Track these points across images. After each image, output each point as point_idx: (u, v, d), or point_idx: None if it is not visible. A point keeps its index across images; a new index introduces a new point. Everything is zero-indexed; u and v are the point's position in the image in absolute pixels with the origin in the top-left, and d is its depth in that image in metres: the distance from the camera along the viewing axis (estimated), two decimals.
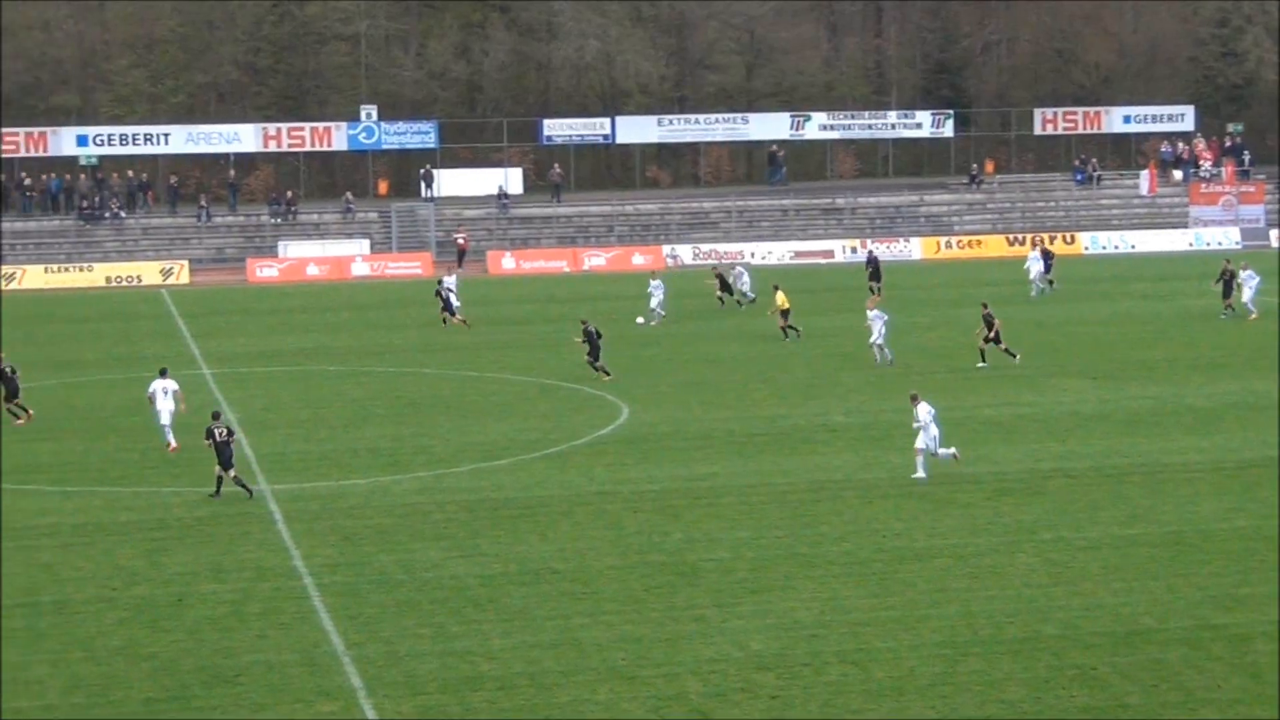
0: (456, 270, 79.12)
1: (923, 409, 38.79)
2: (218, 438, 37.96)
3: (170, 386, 43.94)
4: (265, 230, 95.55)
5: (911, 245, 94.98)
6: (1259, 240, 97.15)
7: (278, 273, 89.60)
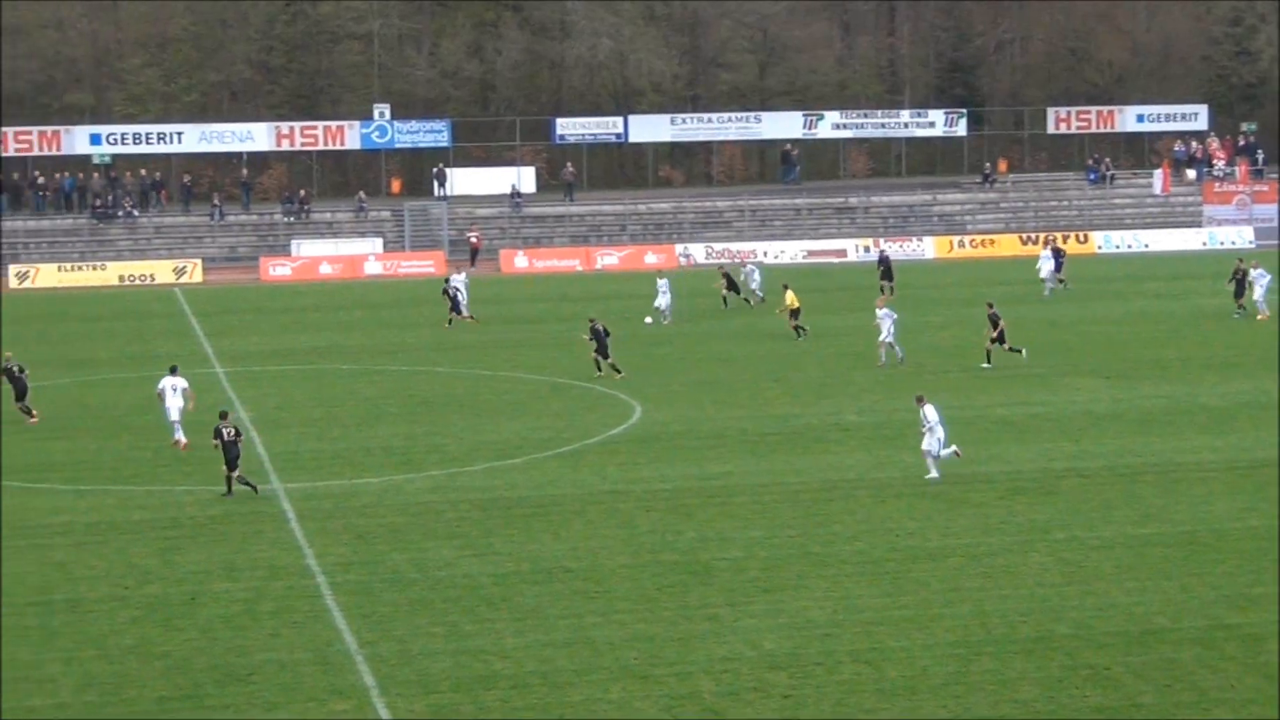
0: (466, 269, 79.12)
1: (930, 411, 38.72)
2: (225, 437, 38.02)
3: (180, 384, 44.02)
4: (278, 229, 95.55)
5: (924, 244, 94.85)
6: (1273, 239, 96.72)
7: (291, 271, 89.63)
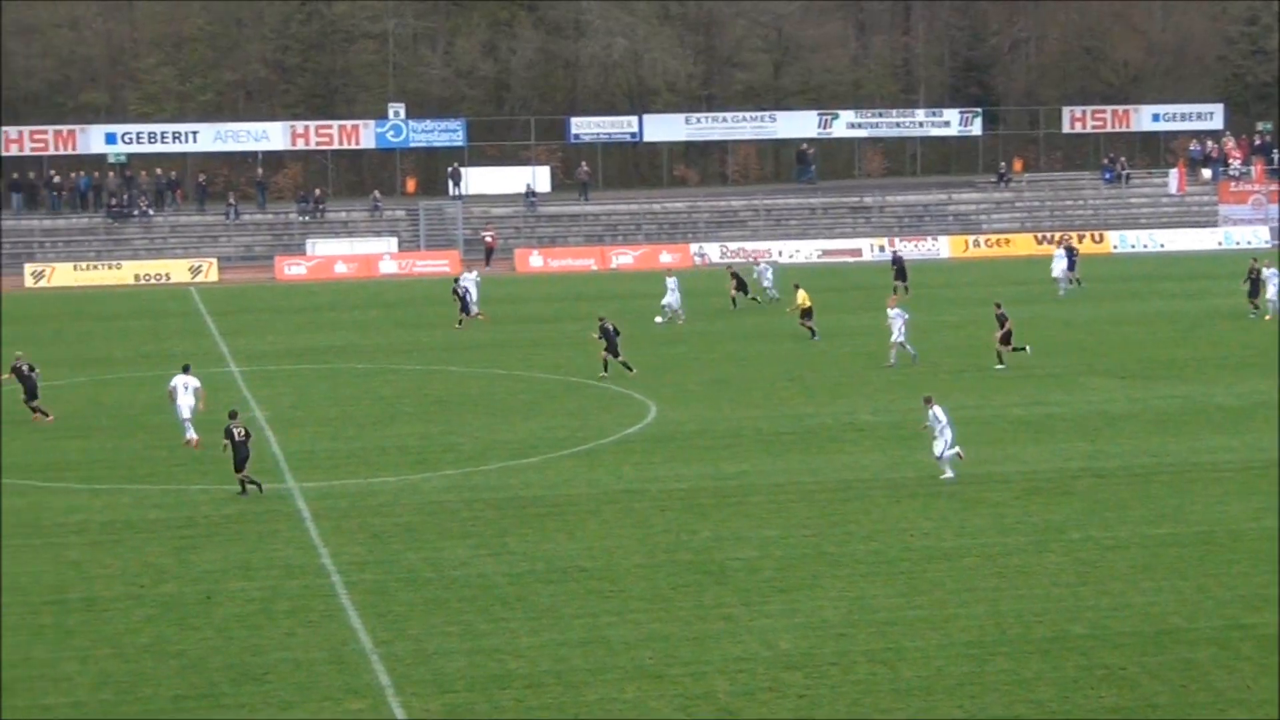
0: (478, 268, 79.14)
1: (939, 411, 38.64)
2: (236, 437, 38.04)
3: (192, 383, 44.07)
4: (293, 228, 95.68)
5: (939, 244, 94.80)
6: None
7: (306, 271, 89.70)
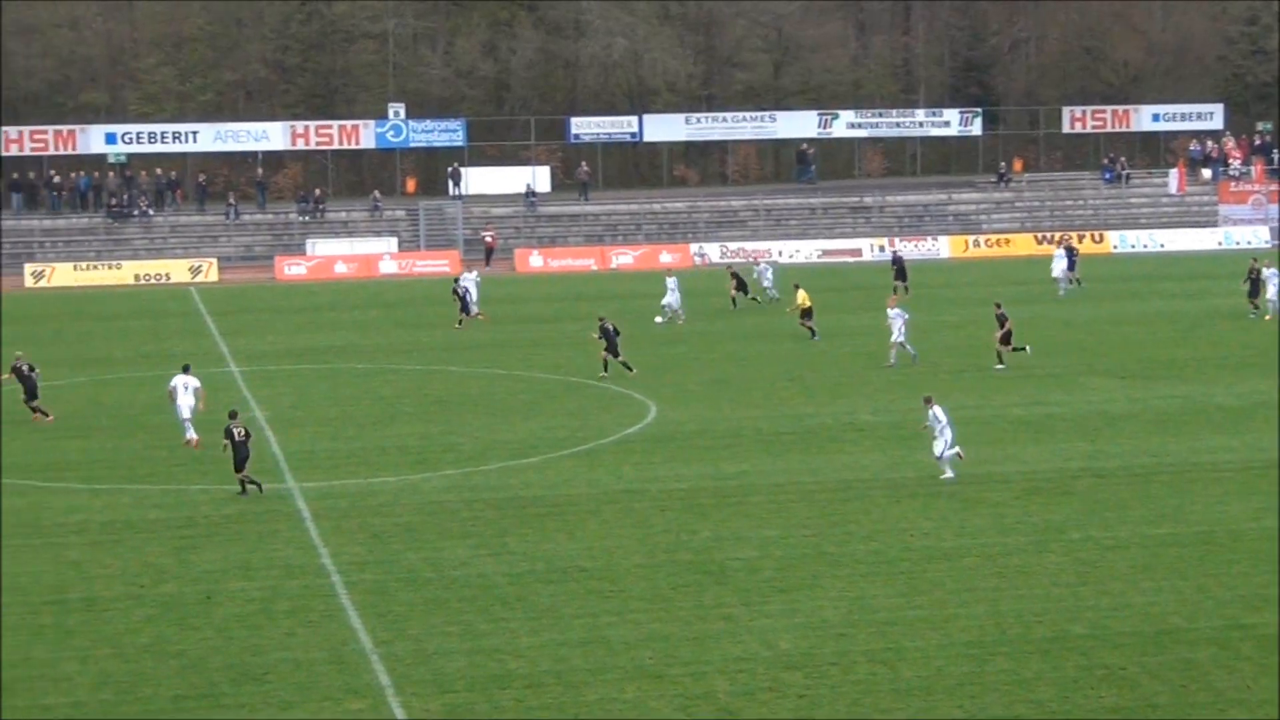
0: (478, 268, 79.12)
1: (939, 412, 38.64)
2: (236, 437, 38.04)
3: (191, 383, 44.07)
4: (293, 228, 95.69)
5: (939, 244, 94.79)
6: None
7: (306, 271, 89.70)
